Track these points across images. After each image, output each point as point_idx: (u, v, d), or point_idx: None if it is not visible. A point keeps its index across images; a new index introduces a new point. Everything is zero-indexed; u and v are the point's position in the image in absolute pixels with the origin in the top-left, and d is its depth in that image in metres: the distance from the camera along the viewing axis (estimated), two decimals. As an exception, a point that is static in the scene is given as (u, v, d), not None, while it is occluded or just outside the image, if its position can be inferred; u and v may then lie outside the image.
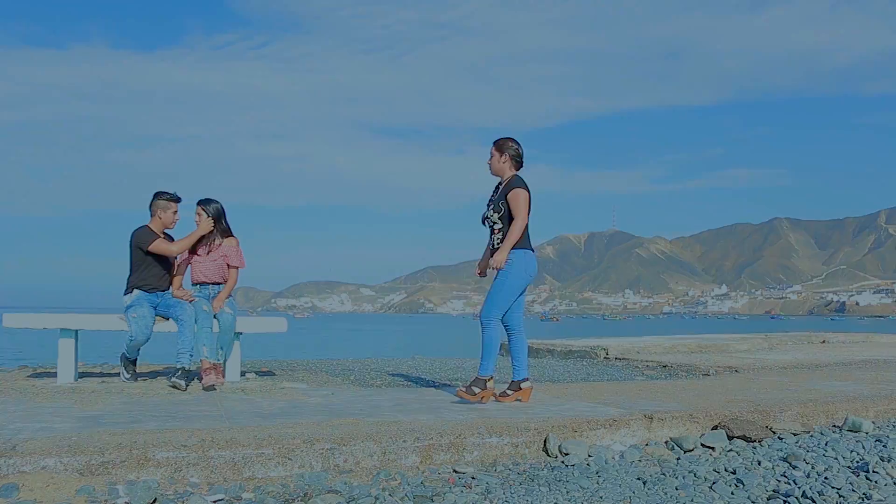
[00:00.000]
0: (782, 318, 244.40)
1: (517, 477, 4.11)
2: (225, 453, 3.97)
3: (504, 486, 3.94)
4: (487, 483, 3.97)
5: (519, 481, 4.03)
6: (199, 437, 4.12)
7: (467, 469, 4.21)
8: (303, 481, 3.92)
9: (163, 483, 3.79)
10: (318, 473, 4.03)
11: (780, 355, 10.54)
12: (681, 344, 11.29)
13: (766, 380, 7.47)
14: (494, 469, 4.27)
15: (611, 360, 10.15)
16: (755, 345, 12.10)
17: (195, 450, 3.93)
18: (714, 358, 10.05)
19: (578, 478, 4.03)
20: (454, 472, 4.17)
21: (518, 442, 4.55)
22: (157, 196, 6.81)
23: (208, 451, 3.95)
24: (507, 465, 4.35)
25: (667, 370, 8.82)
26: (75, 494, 3.57)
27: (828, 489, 3.75)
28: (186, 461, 3.90)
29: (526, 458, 4.49)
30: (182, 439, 4.05)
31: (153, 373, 7.68)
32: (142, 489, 3.59)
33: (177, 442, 4.00)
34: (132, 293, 6.63)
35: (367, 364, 9.54)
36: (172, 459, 3.89)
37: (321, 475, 4.00)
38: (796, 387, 6.79)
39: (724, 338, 12.82)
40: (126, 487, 3.68)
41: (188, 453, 3.91)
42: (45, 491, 3.57)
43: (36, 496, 3.53)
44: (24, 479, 3.64)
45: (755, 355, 10.55)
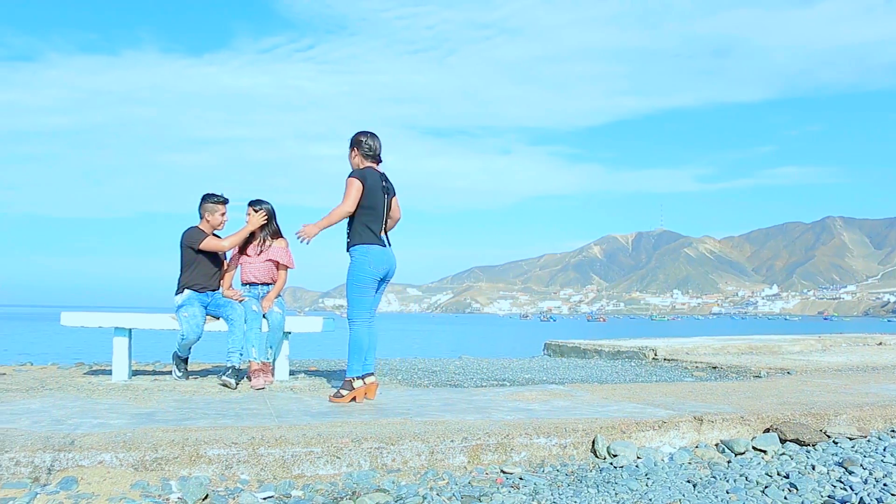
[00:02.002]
0: (836, 319, 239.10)
1: (565, 478, 4.09)
2: (274, 451, 4.02)
3: (552, 487, 3.93)
4: (535, 484, 3.96)
5: (567, 482, 4.01)
6: (250, 434, 4.18)
7: (515, 469, 4.20)
8: (351, 480, 3.96)
9: (214, 479, 3.86)
10: (366, 472, 4.06)
11: (834, 357, 10.31)
12: (731, 345, 11.12)
13: (819, 382, 7.31)
14: (542, 470, 4.25)
15: (659, 360, 10.04)
16: (808, 346, 11.86)
17: (245, 447, 3.99)
18: (765, 359, 9.88)
19: (627, 479, 3.99)
20: (502, 473, 4.16)
21: (566, 443, 4.52)
22: (205, 199, 6.92)
23: (258, 449, 4.01)
24: (554, 466, 4.33)
25: (716, 372, 8.69)
26: (130, 489, 3.65)
27: (887, 496, 3.66)
28: (237, 458, 3.96)
29: (574, 459, 4.47)
30: (233, 437, 4.11)
31: (204, 371, 7.80)
32: (194, 485, 3.65)
33: (227, 439, 4.06)
34: (183, 293, 6.74)
35: (414, 363, 9.58)
36: (223, 457, 3.95)
37: (369, 474, 4.03)
38: (851, 389, 6.64)
39: (776, 339, 12.59)
40: (179, 483, 3.75)
41: (239, 451, 3.98)
42: (101, 485, 3.66)
43: (93, 489, 3.61)
44: (82, 473, 3.74)
45: (808, 357, 10.34)
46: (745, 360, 9.78)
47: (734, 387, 6.88)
